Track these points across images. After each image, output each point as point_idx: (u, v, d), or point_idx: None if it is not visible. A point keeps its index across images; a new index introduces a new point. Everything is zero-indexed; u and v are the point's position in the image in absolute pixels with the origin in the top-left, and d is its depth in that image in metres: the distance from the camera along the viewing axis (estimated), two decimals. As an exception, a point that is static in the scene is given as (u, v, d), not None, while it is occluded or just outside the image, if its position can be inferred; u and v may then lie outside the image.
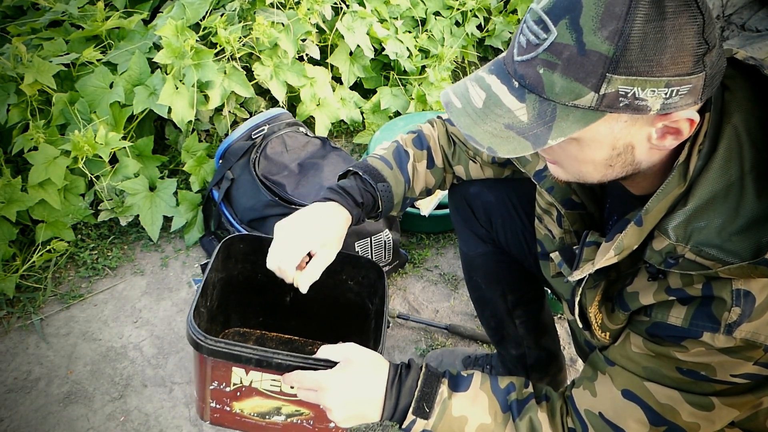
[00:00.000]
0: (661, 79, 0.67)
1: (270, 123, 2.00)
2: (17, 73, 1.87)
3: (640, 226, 0.80)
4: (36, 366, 1.73)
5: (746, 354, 0.77)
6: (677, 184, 0.76)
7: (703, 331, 0.77)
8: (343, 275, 1.26)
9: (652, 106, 0.69)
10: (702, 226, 0.75)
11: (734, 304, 0.75)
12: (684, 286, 0.79)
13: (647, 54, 0.66)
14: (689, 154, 0.75)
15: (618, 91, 0.68)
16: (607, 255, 0.83)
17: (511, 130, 0.73)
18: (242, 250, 1.24)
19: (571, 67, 0.69)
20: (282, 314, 1.32)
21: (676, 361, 0.82)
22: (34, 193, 1.84)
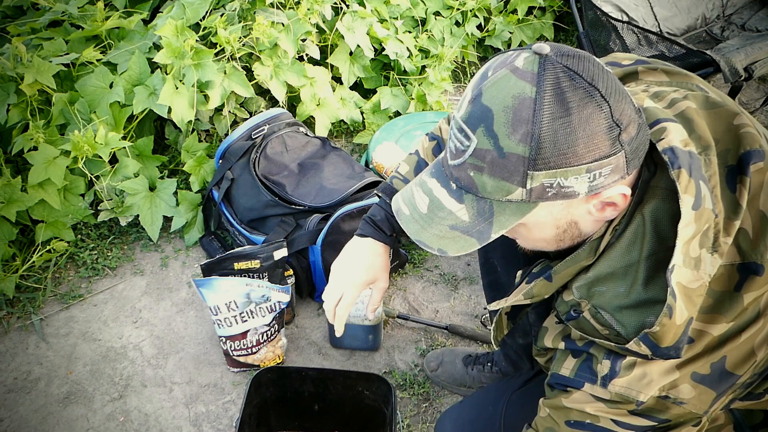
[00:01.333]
0: (581, 166, 0.72)
1: (270, 123, 2.00)
2: (17, 73, 1.87)
3: (549, 282, 0.88)
4: (36, 366, 1.73)
5: (620, 406, 0.83)
6: (586, 257, 0.83)
7: (585, 382, 0.85)
8: (359, 387, 1.46)
9: (579, 190, 0.74)
10: (601, 292, 0.82)
11: (605, 358, 0.83)
12: (576, 339, 0.89)
13: (561, 148, 0.71)
14: (604, 233, 0.81)
15: (543, 183, 0.73)
16: (517, 297, 0.93)
17: (456, 230, 0.80)
18: (270, 378, 1.44)
19: (496, 168, 0.74)
20: (314, 419, 1.53)
21: (564, 412, 0.88)
22: (34, 193, 1.84)
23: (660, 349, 0.76)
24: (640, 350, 0.78)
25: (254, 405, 1.43)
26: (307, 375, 1.46)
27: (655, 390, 0.80)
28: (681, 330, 0.75)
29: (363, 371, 1.48)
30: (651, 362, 0.81)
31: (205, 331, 1.80)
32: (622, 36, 2.33)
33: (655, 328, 0.75)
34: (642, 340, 0.76)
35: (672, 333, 0.75)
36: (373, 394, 1.46)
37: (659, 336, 0.75)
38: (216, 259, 1.66)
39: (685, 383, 0.80)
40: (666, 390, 0.80)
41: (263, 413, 1.48)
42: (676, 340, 0.76)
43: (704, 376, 0.80)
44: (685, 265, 0.74)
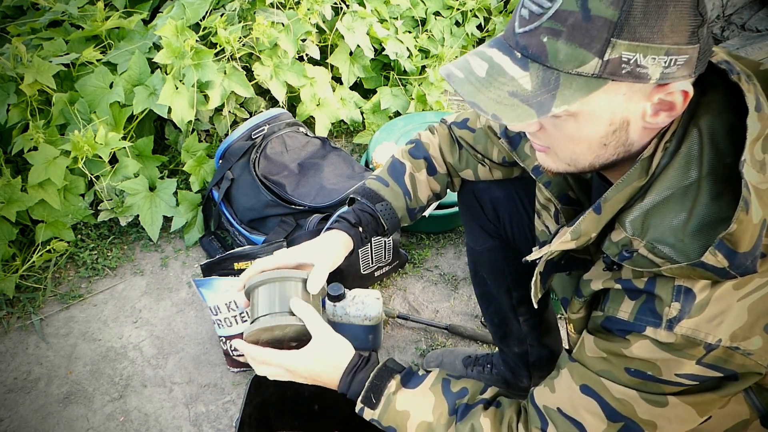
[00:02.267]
0: (662, 46, 0.69)
1: (270, 123, 2.00)
2: (17, 73, 1.87)
3: (598, 214, 0.82)
4: (36, 366, 1.73)
5: (687, 352, 0.78)
6: (638, 176, 0.79)
7: (646, 326, 0.79)
8: None
9: (652, 74, 0.71)
10: (658, 222, 0.77)
11: (674, 300, 0.77)
12: (633, 278, 0.82)
13: (649, 20, 0.68)
14: (655, 150, 0.78)
15: (621, 57, 0.70)
16: (563, 238, 0.86)
17: (515, 98, 0.73)
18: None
19: (576, 33, 0.70)
20: (314, 418, 1.52)
21: (624, 359, 0.83)
22: (34, 193, 1.84)
23: (737, 257, 0.72)
24: (716, 262, 0.72)
25: (254, 405, 1.43)
26: None
27: (725, 333, 0.76)
28: (757, 232, 0.72)
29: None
30: (723, 301, 0.76)
31: (205, 331, 1.80)
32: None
33: (733, 227, 0.71)
34: (718, 248, 0.72)
35: (749, 234, 0.71)
36: None
37: (736, 237, 0.71)
38: (216, 259, 1.66)
39: (757, 334, 0.77)
40: (738, 340, 0.77)
41: (263, 413, 1.48)
42: (753, 245, 0.72)
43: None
44: (752, 166, 0.71)
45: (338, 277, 1.76)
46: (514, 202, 1.26)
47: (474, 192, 1.30)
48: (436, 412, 0.96)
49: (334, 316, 1.66)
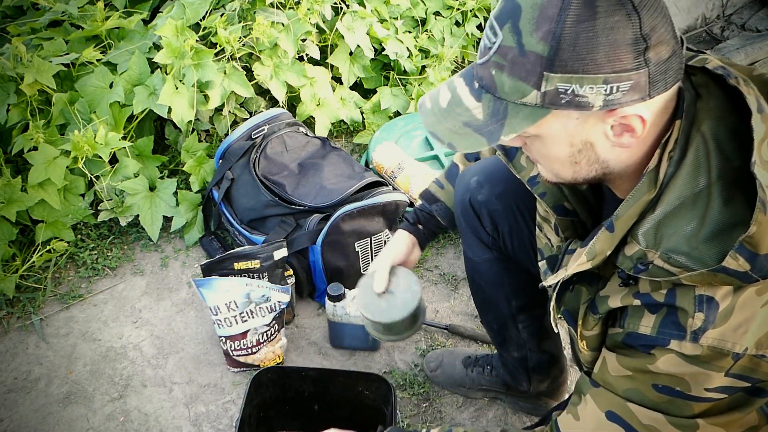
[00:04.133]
0: (598, 75, 0.70)
1: (270, 123, 2.00)
2: (17, 73, 1.87)
3: (611, 232, 0.82)
4: (36, 366, 1.73)
5: (716, 364, 0.77)
6: (647, 190, 0.78)
7: (671, 339, 0.78)
8: (359, 388, 1.47)
9: (594, 102, 0.72)
10: (671, 233, 0.76)
11: (697, 310, 0.76)
12: (651, 291, 0.81)
13: (579, 52, 0.70)
14: (660, 161, 0.77)
15: (557, 88, 0.72)
16: (579, 260, 0.85)
17: (468, 128, 0.79)
18: (270, 378, 1.46)
19: (516, 67, 0.73)
20: (314, 419, 1.52)
21: (650, 376, 0.82)
22: (34, 193, 1.84)
23: (758, 259, 0.71)
24: (738, 266, 0.72)
25: (254, 405, 1.43)
26: (307, 375, 1.47)
27: (751, 341, 0.75)
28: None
29: (363, 371, 1.48)
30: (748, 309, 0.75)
31: (205, 331, 1.80)
32: (622, 36, 2.33)
33: (752, 229, 0.70)
34: (739, 252, 0.71)
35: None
36: (373, 394, 1.46)
37: (757, 239, 0.70)
38: (216, 259, 1.66)
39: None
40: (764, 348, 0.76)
41: (263, 413, 1.48)
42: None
43: None
44: (762, 166, 0.71)
45: (338, 277, 1.76)
46: (514, 215, 1.25)
47: (472, 204, 1.30)
48: None
49: (334, 316, 1.66)
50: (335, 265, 1.77)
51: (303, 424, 1.54)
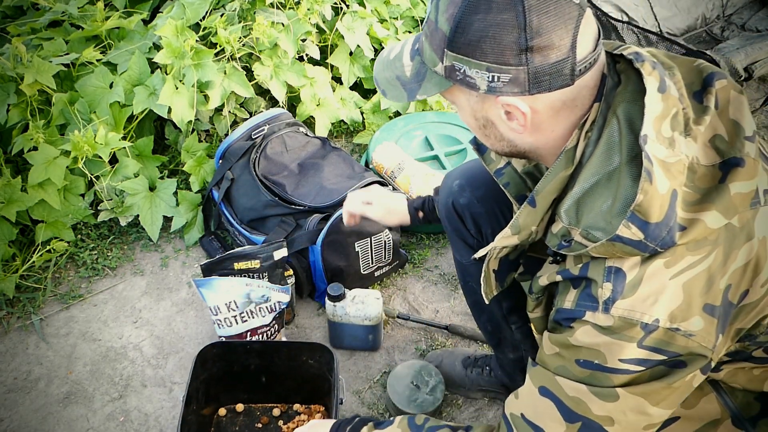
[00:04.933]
0: (482, 63, 0.79)
1: (270, 123, 2.00)
2: (17, 73, 1.87)
3: (533, 207, 0.89)
4: (36, 366, 1.73)
5: (626, 334, 0.80)
6: (564, 166, 0.85)
7: (586, 311, 0.82)
8: (303, 357, 1.51)
9: (480, 85, 0.81)
10: (590, 210, 0.81)
11: (605, 280, 0.81)
12: (572, 267, 0.86)
13: (470, 39, 0.79)
14: (577, 141, 0.84)
15: (453, 65, 0.82)
16: (504, 234, 0.93)
17: (398, 81, 0.90)
18: (215, 353, 1.48)
19: (432, 39, 0.84)
20: (262, 390, 1.57)
21: (573, 350, 0.85)
22: (34, 193, 1.84)
23: (650, 227, 0.76)
24: (632, 234, 0.76)
25: (201, 380, 1.46)
26: (252, 348, 1.50)
27: (662, 312, 0.78)
28: (667, 202, 0.76)
29: (305, 341, 1.53)
30: (656, 279, 0.78)
31: (205, 331, 1.80)
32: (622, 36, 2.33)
33: (639, 198, 0.75)
34: (630, 220, 0.76)
35: (658, 204, 0.76)
36: (318, 363, 1.50)
37: (645, 207, 0.75)
38: (216, 259, 1.66)
39: (696, 315, 0.79)
40: (678, 321, 0.79)
41: (211, 388, 1.51)
42: (664, 215, 0.76)
43: (714, 307, 0.79)
44: (659, 142, 0.77)
45: (338, 277, 1.76)
46: (496, 216, 1.27)
47: (456, 207, 1.32)
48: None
49: (334, 316, 1.66)
50: (335, 265, 1.77)
51: (251, 396, 1.58)
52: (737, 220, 0.80)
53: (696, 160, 0.79)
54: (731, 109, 0.82)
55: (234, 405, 1.58)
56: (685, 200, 0.78)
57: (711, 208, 0.78)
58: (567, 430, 0.86)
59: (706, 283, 0.79)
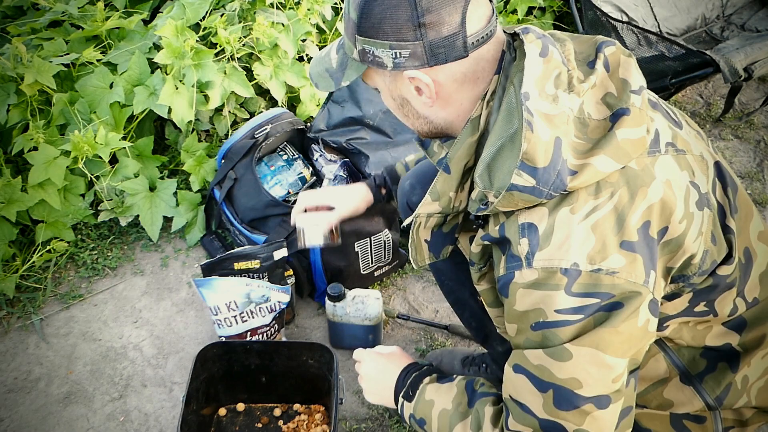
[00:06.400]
0: (385, 42, 0.89)
1: (272, 123, 2.00)
2: (17, 73, 1.87)
3: (448, 173, 0.97)
4: (36, 366, 1.73)
5: (551, 283, 0.84)
6: (470, 133, 0.93)
7: (514, 271, 0.87)
8: (303, 357, 1.51)
9: (387, 63, 0.91)
10: (498, 171, 0.87)
11: (521, 237, 0.86)
12: (490, 230, 0.92)
13: (373, 23, 0.88)
14: (481, 110, 0.92)
15: (364, 49, 0.91)
16: (425, 201, 1.00)
17: (327, 73, 1.00)
18: (216, 353, 1.49)
19: (347, 29, 0.94)
20: (262, 390, 1.57)
21: (523, 317, 0.88)
22: (34, 193, 1.84)
23: (538, 172, 0.82)
24: (524, 181, 0.82)
25: (201, 380, 1.46)
26: (252, 348, 1.50)
27: (579, 256, 0.82)
28: (551, 148, 0.82)
29: (305, 341, 1.53)
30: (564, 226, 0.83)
31: (205, 331, 1.80)
32: (622, 36, 2.33)
33: (524, 146, 0.82)
34: (521, 168, 0.82)
35: (542, 149, 0.82)
36: (317, 363, 1.50)
37: (531, 154, 0.82)
38: (216, 259, 1.66)
39: (614, 252, 0.83)
40: (598, 262, 0.82)
41: (211, 388, 1.51)
42: (550, 159, 0.82)
43: (631, 242, 0.84)
44: (542, 98, 0.84)
45: (338, 277, 1.77)
46: None
47: (410, 207, 1.37)
48: (455, 402, 1.02)
49: (334, 316, 1.66)
50: (335, 265, 1.77)
51: (251, 396, 1.58)
52: (635, 164, 0.86)
53: (587, 115, 0.86)
54: (620, 69, 0.90)
55: (234, 405, 1.58)
56: (576, 149, 0.84)
57: (599, 153, 0.84)
58: (544, 400, 0.88)
59: (616, 222, 0.83)
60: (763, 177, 2.34)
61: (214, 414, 1.57)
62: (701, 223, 0.89)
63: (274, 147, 2.03)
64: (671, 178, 0.88)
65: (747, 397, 1.00)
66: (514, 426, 0.92)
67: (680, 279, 0.90)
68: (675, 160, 0.90)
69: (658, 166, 0.88)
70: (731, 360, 0.98)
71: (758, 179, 2.33)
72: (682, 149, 0.92)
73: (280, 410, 1.58)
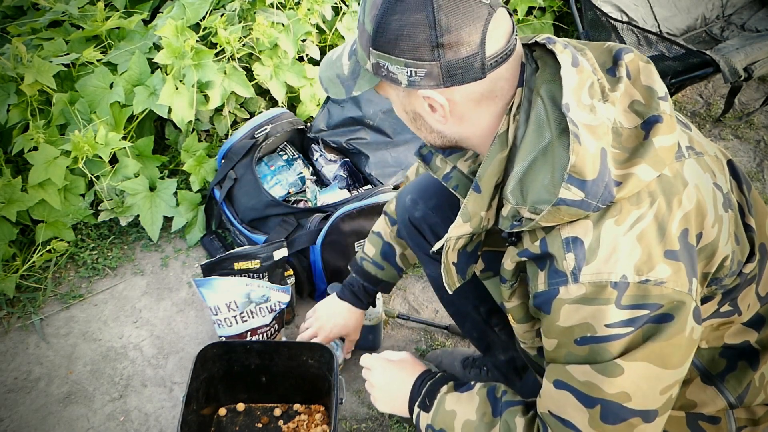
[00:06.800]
0: (401, 59, 0.86)
1: (272, 122, 2.00)
2: (17, 73, 1.87)
3: (478, 192, 0.94)
4: (36, 366, 1.73)
5: (602, 297, 0.83)
6: (500, 149, 0.91)
7: (558, 287, 0.85)
8: (303, 357, 1.52)
9: (401, 80, 0.89)
10: (533, 186, 0.86)
11: (566, 252, 0.84)
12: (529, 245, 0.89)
13: (389, 38, 0.86)
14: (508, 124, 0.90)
15: (378, 63, 0.89)
16: (457, 223, 0.97)
17: (338, 79, 0.97)
18: (216, 353, 1.49)
19: (362, 39, 0.91)
20: (262, 390, 1.57)
21: (567, 332, 0.87)
22: (34, 193, 1.84)
23: (587, 185, 0.80)
24: (573, 195, 0.81)
25: (201, 380, 1.46)
26: (252, 348, 1.50)
27: (627, 268, 0.82)
28: (598, 159, 0.81)
29: (305, 341, 1.54)
30: (610, 239, 0.82)
31: (205, 331, 1.80)
32: (622, 36, 2.33)
33: (572, 159, 0.80)
34: (569, 182, 0.81)
35: (590, 162, 0.81)
36: (317, 363, 1.50)
37: (579, 167, 0.80)
38: (216, 259, 1.66)
39: (660, 262, 0.82)
40: (645, 273, 0.82)
41: (211, 388, 1.51)
42: (598, 171, 0.81)
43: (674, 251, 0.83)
44: (580, 109, 0.83)
45: (338, 277, 1.76)
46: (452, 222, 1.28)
47: (413, 222, 1.34)
48: (479, 412, 1.01)
49: (334, 316, 1.66)
50: (335, 265, 1.77)
51: (251, 396, 1.58)
52: (668, 171, 0.86)
53: (619, 124, 0.85)
54: (642, 77, 0.89)
55: (234, 405, 1.58)
56: (616, 159, 0.83)
57: (640, 162, 0.83)
58: (590, 415, 0.87)
59: (658, 231, 0.83)
60: (763, 177, 2.34)
61: (214, 414, 1.57)
62: (728, 224, 0.90)
63: (274, 147, 2.03)
64: (698, 182, 0.88)
65: (764, 394, 1.00)
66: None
67: (714, 282, 0.90)
68: (697, 163, 0.90)
69: (686, 171, 0.88)
70: (751, 358, 0.98)
71: (758, 179, 2.33)
72: (700, 152, 0.92)
73: (280, 410, 1.58)
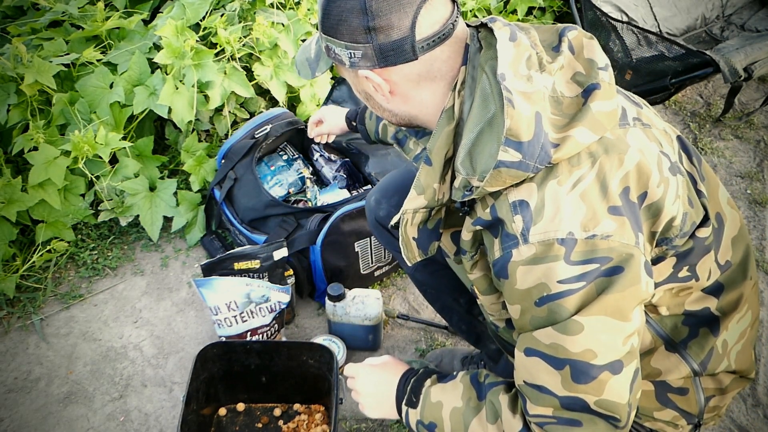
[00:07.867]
0: (342, 42, 0.94)
1: (272, 122, 2.00)
2: (17, 73, 1.87)
3: (429, 165, 0.98)
4: (36, 366, 1.73)
5: (550, 255, 0.85)
6: (447, 123, 0.95)
7: (511, 250, 0.88)
8: (303, 357, 1.52)
9: (345, 61, 0.96)
10: (480, 155, 0.89)
11: (514, 215, 0.87)
12: (480, 214, 0.93)
13: (331, 23, 0.93)
14: (453, 100, 0.95)
15: (328, 45, 0.97)
16: (411, 196, 1.00)
17: (307, 62, 1.07)
18: (216, 353, 1.49)
19: (318, 24, 0.98)
20: (262, 390, 1.58)
21: (526, 294, 0.88)
22: (34, 193, 1.84)
23: (524, 146, 0.84)
24: (511, 156, 0.85)
25: (201, 380, 1.47)
26: (252, 348, 1.51)
27: (573, 225, 0.85)
28: (533, 122, 0.85)
29: (305, 341, 1.54)
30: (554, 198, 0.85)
31: (205, 331, 1.80)
32: (622, 36, 2.34)
33: (507, 122, 0.84)
34: (506, 145, 0.85)
35: (525, 124, 0.84)
36: (317, 363, 1.51)
37: (515, 129, 0.84)
38: (216, 259, 1.66)
39: (605, 218, 0.86)
40: (591, 228, 0.85)
41: (211, 388, 1.52)
42: (533, 133, 0.85)
43: (617, 207, 0.87)
44: (517, 79, 0.87)
45: (338, 277, 1.77)
46: None
47: (379, 222, 1.38)
48: (465, 398, 1.02)
49: (334, 316, 1.66)
50: (335, 265, 1.77)
51: (251, 396, 1.59)
52: (611, 135, 0.90)
53: (560, 93, 0.89)
54: (585, 51, 0.93)
55: (234, 405, 1.58)
56: (555, 125, 0.87)
57: (578, 125, 0.87)
58: (562, 377, 0.88)
59: (600, 189, 0.87)
60: (763, 177, 2.34)
61: (214, 414, 1.57)
62: (677, 186, 0.93)
63: (274, 147, 2.03)
64: (642, 147, 0.91)
65: (727, 360, 1.03)
66: (534, 410, 0.92)
67: (664, 242, 0.93)
68: (643, 132, 0.94)
69: (630, 137, 0.92)
70: (711, 324, 1.01)
71: (758, 179, 2.33)
72: (648, 124, 0.97)
73: (280, 410, 1.58)
